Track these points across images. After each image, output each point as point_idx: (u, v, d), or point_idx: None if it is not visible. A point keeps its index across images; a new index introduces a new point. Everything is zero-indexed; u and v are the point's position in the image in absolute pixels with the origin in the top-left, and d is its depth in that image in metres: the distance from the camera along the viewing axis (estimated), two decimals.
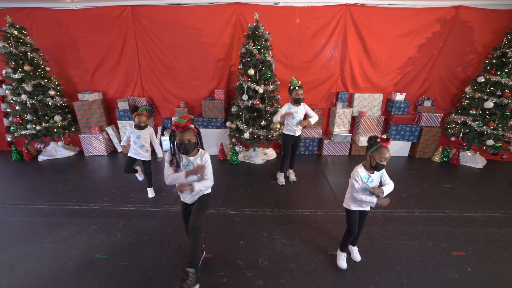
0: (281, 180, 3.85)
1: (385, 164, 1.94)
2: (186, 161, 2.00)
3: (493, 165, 4.68)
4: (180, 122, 1.83)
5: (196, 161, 2.00)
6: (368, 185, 2.05)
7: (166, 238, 2.70)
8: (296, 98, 3.42)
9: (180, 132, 1.85)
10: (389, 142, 1.89)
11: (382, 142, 1.89)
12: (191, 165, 2.00)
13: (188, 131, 1.86)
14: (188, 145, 1.88)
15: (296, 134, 3.59)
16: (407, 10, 4.41)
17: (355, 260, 2.41)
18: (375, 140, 1.94)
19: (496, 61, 4.07)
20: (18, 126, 4.50)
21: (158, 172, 4.27)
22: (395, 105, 4.74)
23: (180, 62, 4.86)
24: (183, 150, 1.90)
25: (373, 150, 1.94)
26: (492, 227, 2.92)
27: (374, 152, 1.94)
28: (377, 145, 1.92)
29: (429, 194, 3.63)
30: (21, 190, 3.71)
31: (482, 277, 2.26)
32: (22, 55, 4.21)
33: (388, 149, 1.91)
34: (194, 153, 2.00)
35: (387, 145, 1.90)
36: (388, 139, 1.88)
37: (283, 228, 2.89)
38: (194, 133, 1.91)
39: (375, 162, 1.94)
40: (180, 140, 1.87)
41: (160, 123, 5.34)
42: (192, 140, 1.90)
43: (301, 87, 3.43)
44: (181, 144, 1.88)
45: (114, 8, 4.52)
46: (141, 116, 3.14)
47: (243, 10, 4.47)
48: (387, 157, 1.91)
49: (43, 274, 2.26)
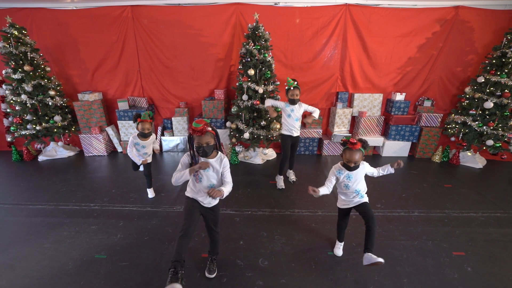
0: (280, 184, 3.76)
1: (352, 166, 2.05)
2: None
3: (493, 165, 4.68)
4: (197, 127, 1.81)
5: (215, 165, 1.96)
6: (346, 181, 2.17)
7: (166, 238, 2.70)
8: (291, 99, 3.39)
9: (198, 136, 1.83)
10: (356, 146, 1.99)
11: (349, 144, 2.01)
12: (210, 168, 1.96)
13: (206, 134, 1.84)
14: (207, 148, 1.86)
15: (294, 134, 3.56)
16: (407, 10, 4.42)
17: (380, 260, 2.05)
18: (343, 142, 2.08)
19: (496, 61, 4.07)
20: (18, 126, 4.50)
21: (159, 172, 4.28)
22: (395, 105, 4.74)
23: (180, 62, 4.86)
24: (202, 153, 1.88)
25: (342, 151, 2.12)
26: (492, 227, 2.92)
27: (343, 153, 2.11)
28: (345, 146, 2.07)
29: (429, 194, 3.64)
30: (21, 190, 3.71)
31: (482, 277, 2.26)
32: (22, 55, 4.21)
33: (355, 152, 2.01)
34: (213, 155, 1.97)
35: (356, 149, 2.00)
36: (354, 143, 1.99)
37: (283, 228, 2.89)
38: (212, 135, 1.88)
39: (343, 162, 2.13)
40: (198, 144, 1.85)
41: (160, 123, 5.34)
42: (211, 142, 1.88)
43: (297, 88, 3.36)
44: (199, 147, 1.86)
45: (114, 8, 4.53)
46: (144, 123, 3.00)
47: (243, 10, 4.47)
48: (353, 159, 2.02)
49: (43, 274, 2.26)
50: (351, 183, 2.17)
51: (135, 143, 3.10)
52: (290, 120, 3.48)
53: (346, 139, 2.05)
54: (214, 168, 1.97)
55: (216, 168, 1.98)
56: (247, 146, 4.79)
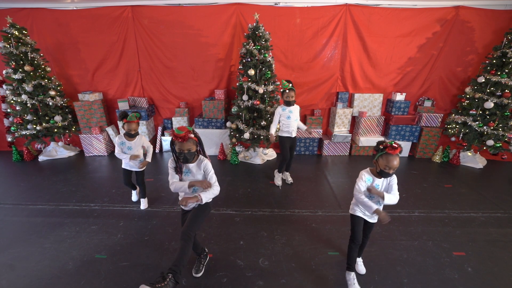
0: (278, 182, 3.82)
1: (391, 172, 1.84)
2: (185, 168, 1.99)
3: (493, 165, 4.67)
4: (179, 134, 1.82)
5: (195, 168, 1.98)
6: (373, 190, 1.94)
7: (166, 238, 2.70)
8: (286, 101, 3.43)
9: (180, 142, 1.84)
10: (397, 150, 1.77)
11: (389, 149, 1.78)
12: (190, 173, 1.99)
13: (188, 141, 1.85)
14: (188, 154, 1.88)
15: (293, 135, 3.60)
16: (407, 10, 4.42)
17: (360, 273, 2.27)
18: (382, 147, 1.84)
19: (496, 61, 4.07)
20: (19, 126, 4.51)
21: (159, 172, 4.28)
22: (395, 105, 4.74)
23: (180, 62, 4.86)
24: (182, 159, 1.90)
25: (378, 156, 1.87)
26: (492, 227, 2.92)
27: (379, 158, 1.86)
28: (383, 151, 1.82)
29: (429, 194, 3.63)
30: (21, 190, 3.71)
31: (482, 277, 2.25)
32: (22, 55, 4.21)
33: (396, 157, 1.79)
34: (194, 159, 1.99)
35: (395, 153, 1.78)
36: (395, 148, 1.77)
37: (283, 228, 2.89)
38: (194, 142, 1.90)
39: (379, 168, 1.87)
40: (179, 150, 1.86)
41: (160, 123, 5.34)
42: (192, 149, 1.89)
43: (292, 90, 3.39)
44: (180, 154, 1.87)
45: (115, 9, 4.53)
46: (131, 124, 2.87)
47: (243, 10, 4.48)
48: (394, 166, 1.80)
49: (43, 274, 2.26)
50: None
51: (121, 143, 2.94)
52: (290, 121, 3.50)
53: (387, 143, 1.82)
54: (193, 172, 1.98)
55: (194, 172, 1.98)
56: (247, 146, 4.79)
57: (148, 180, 3.89)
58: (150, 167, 4.33)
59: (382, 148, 1.83)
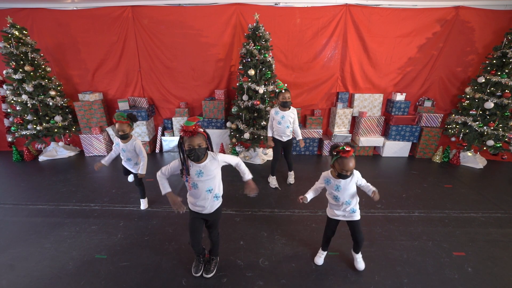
0: (273, 183, 3.78)
1: (348, 174, 1.90)
2: (197, 168, 1.84)
3: (494, 165, 4.67)
4: (189, 126, 1.70)
5: (207, 167, 1.85)
6: (334, 192, 2.04)
7: (166, 238, 2.71)
8: (283, 102, 3.31)
9: (189, 137, 1.71)
10: (350, 153, 1.81)
11: (342, 153, 1.83)
12: (203, 173, 1.84)
13: (198, 135, 1.73)
14: (199, 150, 1.74)
15: (284, 139, 3.51)
16: (407, 10, 4.42)
17: (359, 269, 2.30)
18: (335, 152, 1.88)
19: (496, 61, 4.07)
20: (19, 126, 4.51)
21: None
22: (395, 106, 4.74)
23: (180, 63, 4.86)
24: (193, 157, 1.76)
25: (334, 161, 1.92)
26: (493, 227, 2.92)
27: (335, 163, 1.92)
28: (338, 156, 1.87)
29: (429, 194, 3.63)
30: (21, 190, 3.71)
31: (482, 277, 2.25)
32: (22, 55, 4.22)
33: (351, 159, 1.84)
34: (204, 158, 1.85)
35: (349, 156, 1.83)
36: (348, 151, 1.81)
37: (283, 228, 2.89)
38: (204, 137, 1.77)
39: (337, 172, 1.93)
40: (189, 146, 1.72)
41: (161, 123, 5.35)
42: (203, 145, 1.75)
43: (287, 91, 3.32)
44: (191, 151, 1.73)
45: (115, 9, 4.53)
46: (121, 124, 2.69)
47: (243, 10, 4.48)
48: (349, 168, 1.85)
49: (43, 274, 2.26)
50: (340, 194, 2.02)
51: (116, 144, 2.90)
52: (280, 126, 3.43)
53: (337, 148, 1.86)
54: (206, 172, 1.85)
55: (210, 170, 1.86)
56: (247, 146, 4.78)
57: (148, 180, 3.89)
58: (150, 167, 4.29)
59: (336, 153, 1.88)
